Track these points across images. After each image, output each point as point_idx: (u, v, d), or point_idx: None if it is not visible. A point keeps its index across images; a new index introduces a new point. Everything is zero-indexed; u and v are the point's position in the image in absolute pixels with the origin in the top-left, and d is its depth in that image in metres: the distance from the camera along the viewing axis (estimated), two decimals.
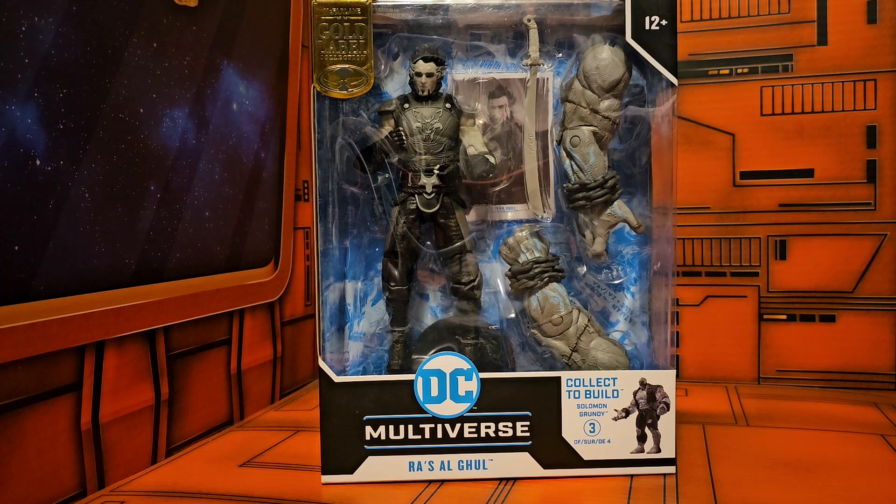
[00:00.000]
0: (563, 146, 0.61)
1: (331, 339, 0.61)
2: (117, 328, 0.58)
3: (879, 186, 0.83)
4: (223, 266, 0.73)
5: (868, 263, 0.83)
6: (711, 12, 0.87)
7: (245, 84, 0.77)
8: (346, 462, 0.58)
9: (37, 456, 0.51)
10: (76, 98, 0.54)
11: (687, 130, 0.88)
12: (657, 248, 0.62)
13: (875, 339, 0.83)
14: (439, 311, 0.65)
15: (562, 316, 0.60)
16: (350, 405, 0.57)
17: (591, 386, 0.58)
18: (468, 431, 0.58)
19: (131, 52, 0.59)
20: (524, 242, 0.62)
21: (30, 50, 0.50)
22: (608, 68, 0.58)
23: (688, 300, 0.89)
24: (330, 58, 0.57)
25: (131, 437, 0.60)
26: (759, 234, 0.87)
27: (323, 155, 0.60)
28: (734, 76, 0.87)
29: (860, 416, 0.72)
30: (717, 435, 0.67)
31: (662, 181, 0.61)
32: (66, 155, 0.53)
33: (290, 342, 0.87)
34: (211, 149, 0.71)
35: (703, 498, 0.53)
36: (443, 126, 0.59)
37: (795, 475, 0.57)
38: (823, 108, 0.84)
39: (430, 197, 0.59)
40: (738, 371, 0.88)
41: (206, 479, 0.59)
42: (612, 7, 0.59)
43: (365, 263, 0.65)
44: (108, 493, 0.56)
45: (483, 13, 0.61)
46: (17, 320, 0.49)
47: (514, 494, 0.55)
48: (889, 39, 0.82)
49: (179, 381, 0.66)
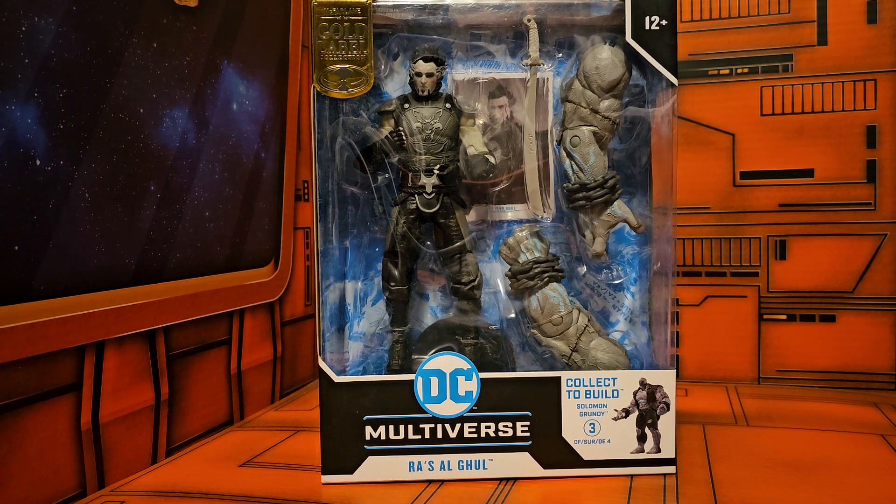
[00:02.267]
0: (563, 146, 0.61)
1: (331, 339, 0.61)
2: (117, 328, 0.58)
3: (879, 186, 0.83)
4: (223, 266, 0.73)
5: (868, 263, 0.83)
6: (711, 12, 0.87)
7: (245, 84, 0.77)
8: (346, 462, 0.58)
9: (37, 456, 0.51)
10: (76, 98, 0.54)
11: (687, 130, 0.88)
12: (657, 248, 0.62)
13: (875, 339, 0.83)
14: (439, 311, 0.65)
15: (562, 316, 0.60)
16: (350, 405, 0.57)
17: (591, 386, 0.58)
18: (468, 431, 0.58)
19: (131, 52, 0.59)
20: (524, 242, 0.62)
21: (30, 50, 0.50)
22: (608, 68, 0.58)
23: (688, 300, 0.89)
24: (330, 58, 0.57)
25: (131, 437, 0.60)
26: (759, 234, 0.87)
27: (323, 155, 0.60)
28: (734, 76, 0.87)
29: (860, 416, 0.72)
30: (717, 435, 0.67)
31: (662, 181, 0.61)
32: (66, 155, 0.53)
33: (290, 342, 0.87)
34: (211, 149, 0.71)
35: (703, 498, 0.53)
36: (443, 126, 0.59)
37: (795, 475, 0.57)
38: (823, 108, 0.84)
39: (430, 197, 0.59)
40: (738, 371, 0.88)
41: (206, 479, 0.59)
42: (612, 7, 0.59)
43: (365, 263, 0.65)
44: (108, 493, 0.56)
45: (483, 13, 0.61)
46: (17, 320, 0.49)
47: (514, 494, 0.55)
48: (889, 39, 0.82)
49: (179, 381, 0.66)
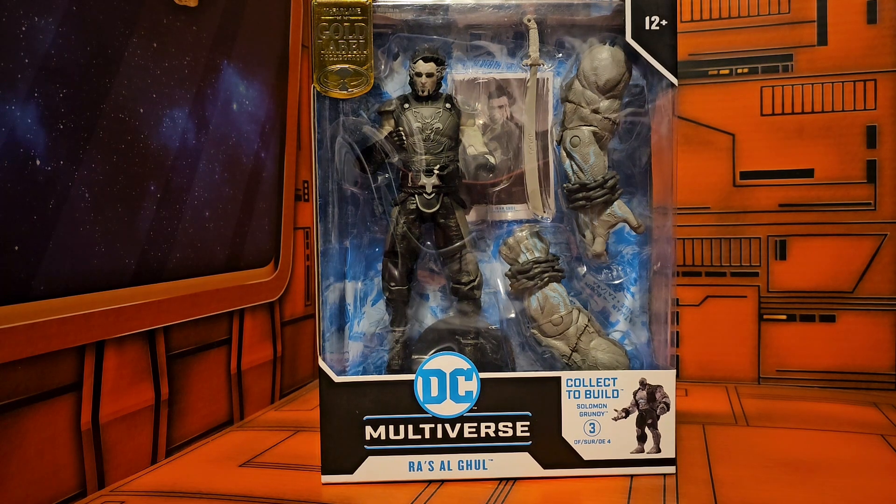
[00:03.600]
0: (563, 146, 0.61)
1: (331, 339, 0.61)
2: (117, 328, 0.58)
3: (879, 186, 0.83)
4: (223, 266, 0.73)
5: (868, 263, 0.83)
6: (711, 12, 0.87)
7: (245, 84, 0.77)
8: (346, 462, 0.58)
9: (37, 456, 0.51)
10: (76, 98, 0.54)
11: (687, 130, 0.88)
12: (657, 248, 0.62)
13: (875, 339, 0.83)
14: (439, 311, 0.65)
15: (562, 316, 0.60)
16: (350, 405, 0.57)
17: (591, 386, 0.58)
18: (468, 431, 0.58)
19: (131, 52, 0.59)
20: (524, 242, 0.62)
21: (30, 50, 0.50)
22: (608, 68, 0.58)
23: (688, 300, 0.89)
24: (330, 58, 0.57)
25: (131, 437, 0.60)
26: (759, 234, 0.87)
27: (323, 155, 0.60)
28: (734, 76, 0.87)
29: (860, 416, 0.72)
30: (717, 435, 0.67)
31: (662, 181, 0.61)
32: (66, 155, 0.53)
33: (290, 342, 0.87)
34: (211, 149, 0.71)
35: (703, 498, 0.53)
36: (443, 126, 0.59)
37: (795, 475, 0.57)
38: (823, 108, 0.84)
39: (430, 197, 0.59)
40: (738, 371, 0.88)
41: (206, 479, 0.59)
42: (612, 7, 0.59)
43: (365, 263, 0.65)
44: (108, 493, 0.56)
45: (483, 13, 0.61)
46: (17, 320, 0.49)
47: (514, 494, 0.55)
48: (889, 39, 0.82)
49: (179, 381, 0.66)
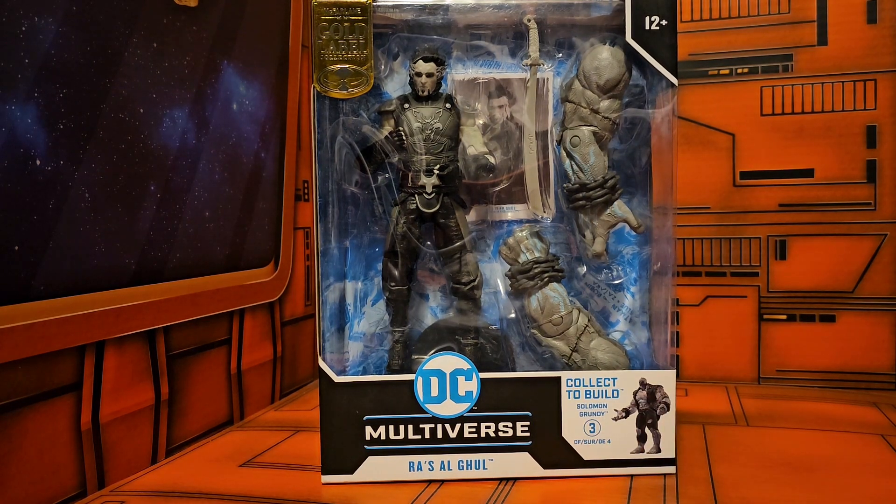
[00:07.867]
0: (563, 146, 0.61)
1: (331, 339, 0.61)
2: (117, 328, 0.58)
3: (879, 186, 0.83)
4: (223, 266, 0.73)
5: (868, 263, 0.83)
6: (711, 12, 0.87)
7: (245, 84, 0.77)
8: (346, 462, 0.58)
9: (37, 456, 0.51)
10: (76, 98, 0.54)
11: (687, 130, 0.88)
12: (657, 248, 0.62)
13: (875, 339, 0.83)
14: (439, 311, 0.65)
15: (562, 316, 0.60)
16: (350, 405, 0.57)
17: (591, 386, 0.58)
18: (468, 431, 0.58)
19: (131, 52, 0.59)
20: (524, 242, 0.62)
21: (30, 50, 0.50)
22: (608, 68, 0.58)
23: (688, 300, 0.89)
24: (330, 58, 0.57)
25: (131, 437, 0.60)
26: (759, 234, 0.87)
27: (323, 155, 0.60)
28: (734, 76, 0.87)
29: (860, 416, 0.72)
30: (717, 435, 0.67)
31: (662, 181, 0.61)
32: (66, 155, 0.53)
33: (290, 342, 0.87)
34: (211, 149, 0.71)
35: (703, 498, 0.53)
36: (443, 126, 0.59)
37: (795, 475, 0.57)
38: (823, 108, 0.84)
39: (430, 197, 0.59)
40: (738, 371, 0.88)
41: (206, 479, 0.59)
42: (612, 7, 0.59)
43: (365, 263, 0.65)
44: (108, 493, 0.56)
45: (483, 13, 0.61)
46: (17, 320, 0.49)
47: (514, 494, 0.55)
48: (889, 39, 0.82)
49: (179, 381, 0.66)
